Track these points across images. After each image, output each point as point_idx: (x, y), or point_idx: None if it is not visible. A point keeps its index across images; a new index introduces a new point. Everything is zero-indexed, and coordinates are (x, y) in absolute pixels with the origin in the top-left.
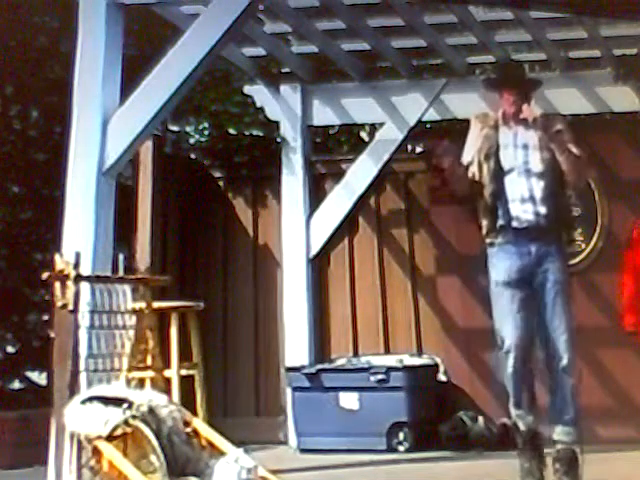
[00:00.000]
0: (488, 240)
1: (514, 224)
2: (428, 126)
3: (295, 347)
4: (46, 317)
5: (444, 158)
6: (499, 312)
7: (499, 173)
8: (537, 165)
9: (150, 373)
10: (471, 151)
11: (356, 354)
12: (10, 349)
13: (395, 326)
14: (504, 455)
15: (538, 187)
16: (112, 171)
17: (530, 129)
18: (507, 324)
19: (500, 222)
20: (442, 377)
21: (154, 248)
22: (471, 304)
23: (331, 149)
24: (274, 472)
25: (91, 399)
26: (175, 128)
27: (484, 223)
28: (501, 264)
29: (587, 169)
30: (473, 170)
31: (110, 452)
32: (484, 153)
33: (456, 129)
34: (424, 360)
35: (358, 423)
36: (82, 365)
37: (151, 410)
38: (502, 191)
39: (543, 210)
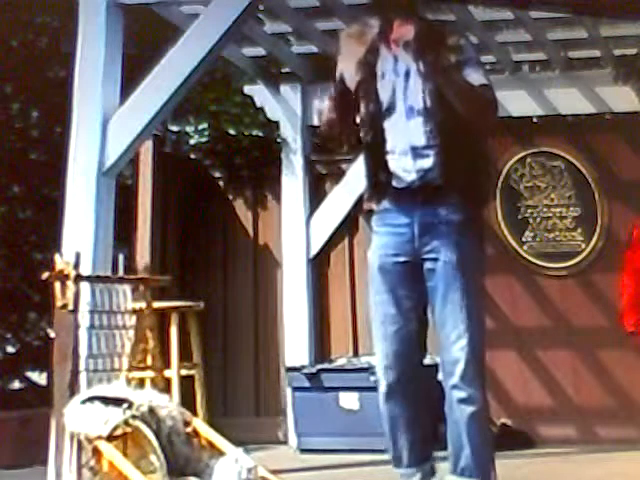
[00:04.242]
0: (366, 206)
1: (394, 183)
2: None
3: (295, 347)
4: (46, 317)
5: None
6: (371, 309)
7: (377, 114)
8: (420, 100)
9: (150, 373)
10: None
11: (356, 354)
12: (10, 349)
13: None
14: (504, 455)
15: (423, 131)
16: (112, 171)
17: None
18: (378, 331)
19: (380, 181)
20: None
21: (154, 248)
22: None
23: (331, 149)
24: (274, 472)
25: (91, 399)
26: (175, 128)
27: (365, 185)
28: (377, 239)
29: (487, 102)
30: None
31: (110, 452)
32: (362, 90)
33: None
34: (424, 360)
35: (358, 423)
36: (82, 365)
37: (151, 410)
38: (381, 139)
39: (429, 163)
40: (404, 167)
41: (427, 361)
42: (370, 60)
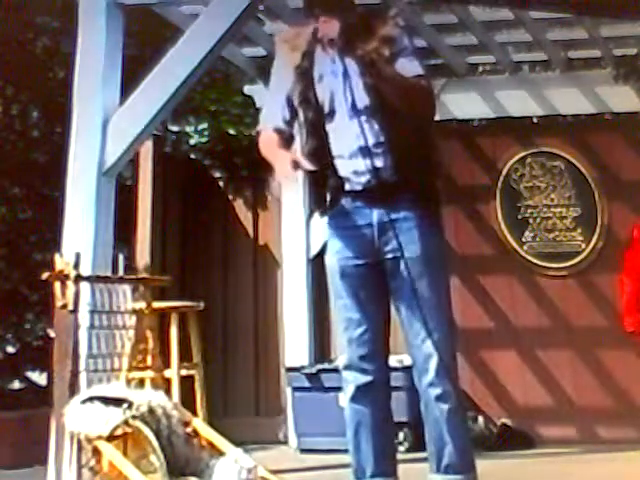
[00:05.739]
0: (318, 212)
1: (347, 187)
2: None
3: (295, 347)
4: (46, 317)
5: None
6: (336, 313)
7: (319, 119)
8: (363, 98)
9: (150, 373)
10: (279, 98)
11: None
12: (10, 349)
13: (395, 326)
14: (504, 455)
15: (369, 130)
16: (112, 171)
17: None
18: (343, 336)
19: (330, 185)
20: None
21: (154, 248)
22: (471, 304)
23: None
24: (274, 472)
25: (91, 399)
26: (175, 128)
27: (310, 191)
28: (334, 243)
29: (422, 93)
30: (282, 121)
31: (110, 452)
32: (299, 97)
33: (455, 129)
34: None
35: None
36: (82, 365)
37: (151, 410)
38: (325, 144)
39: (381, 161)
40: (356, 169)
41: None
42: (305, 65)
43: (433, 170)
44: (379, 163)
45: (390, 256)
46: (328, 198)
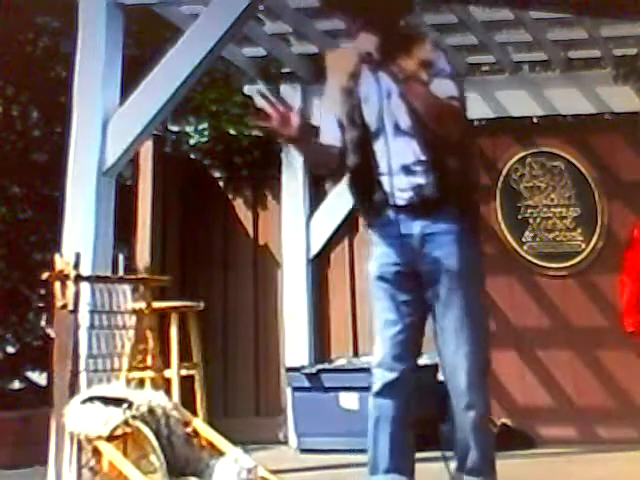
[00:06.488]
0: (364, 222)
1: (391, 201)
2: None
3: (295, 347)
4: (46, 317)
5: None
6: (375, 317)
7: (365, 138)
8: (405, 119)
9: (150, 373)
10: (331, 116)
11: (356, 354)
12: (10, 349)
13: None
14: (504, 455)
15: (412, 149)
16: (112, 171)
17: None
18: (379, 335)
19: (376, 199)
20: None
21: (154, 248)
22: None
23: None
24: (274, 472)
25: (91, 399)
26: (175, 128)
27: (356, 203)
28: (376, 249)
29: (451, 114)
30: (333, 140)
31: (110, 452)
32: (346, 117)
33: None
34: (424, 360)
35: (358, 423)
36: (82, 365)
37: (151, 410)
38: (372, 162)
39: (422, 179)
40: (399, 186)
41: (428, 361)
42: (351, 86)
43: (472, 185)
44: (421, 180)
45: (428, 267)
46: (374, 210)
